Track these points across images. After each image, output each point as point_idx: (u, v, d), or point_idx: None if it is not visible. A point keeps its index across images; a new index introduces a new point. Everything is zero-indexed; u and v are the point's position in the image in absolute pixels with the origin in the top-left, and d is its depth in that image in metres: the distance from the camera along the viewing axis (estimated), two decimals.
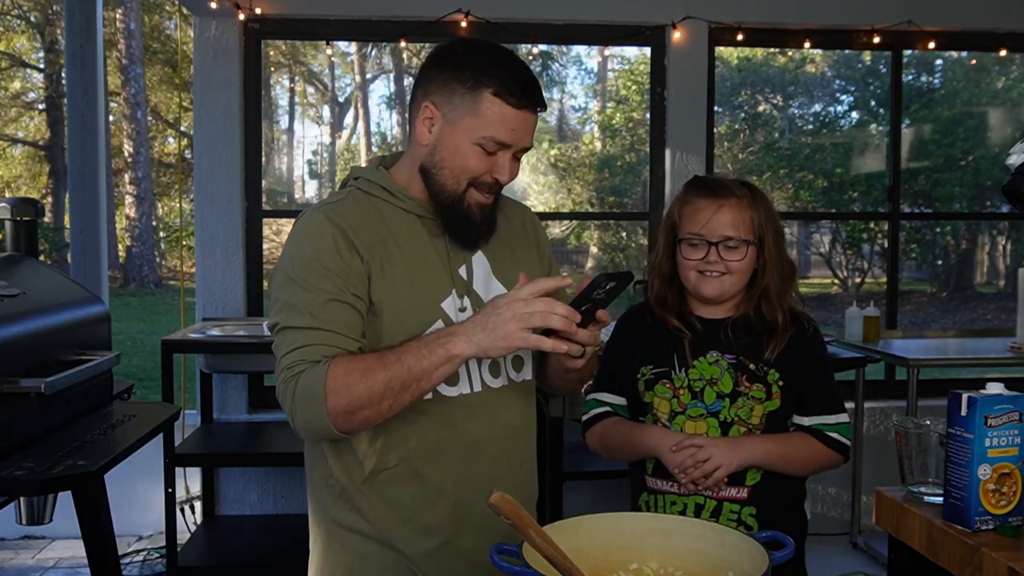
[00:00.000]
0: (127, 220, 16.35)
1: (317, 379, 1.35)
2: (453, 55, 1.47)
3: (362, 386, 1.34)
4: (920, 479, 1.49)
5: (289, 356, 1.40)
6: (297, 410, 1.38)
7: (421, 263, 1.48)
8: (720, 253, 1.75)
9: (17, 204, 2.43)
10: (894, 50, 4.43)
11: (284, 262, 1.46)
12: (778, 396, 1.76)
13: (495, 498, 1.14)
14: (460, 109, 1.43)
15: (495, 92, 1.42)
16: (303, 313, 1.40)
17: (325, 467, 1.51)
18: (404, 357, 1.36)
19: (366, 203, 1.50)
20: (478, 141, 1.43)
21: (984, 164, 12.52)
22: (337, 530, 1.51)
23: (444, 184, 1.47)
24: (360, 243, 1.44)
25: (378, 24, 4.07)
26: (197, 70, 3.98)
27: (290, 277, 1.43)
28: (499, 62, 1.45)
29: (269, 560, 3.48)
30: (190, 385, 4.33)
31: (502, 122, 1.43)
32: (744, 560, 1.20)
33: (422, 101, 1.47)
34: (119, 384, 2.44)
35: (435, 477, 1.48)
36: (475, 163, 1.45)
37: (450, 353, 1.35)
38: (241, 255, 4.00)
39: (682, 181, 4.46)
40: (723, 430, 1.75)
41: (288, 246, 1.48)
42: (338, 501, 1.50)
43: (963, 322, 13.19)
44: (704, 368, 1.78)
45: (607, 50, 5.43)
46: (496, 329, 1.33)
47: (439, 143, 1.46)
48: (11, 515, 2.33)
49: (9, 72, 17.29)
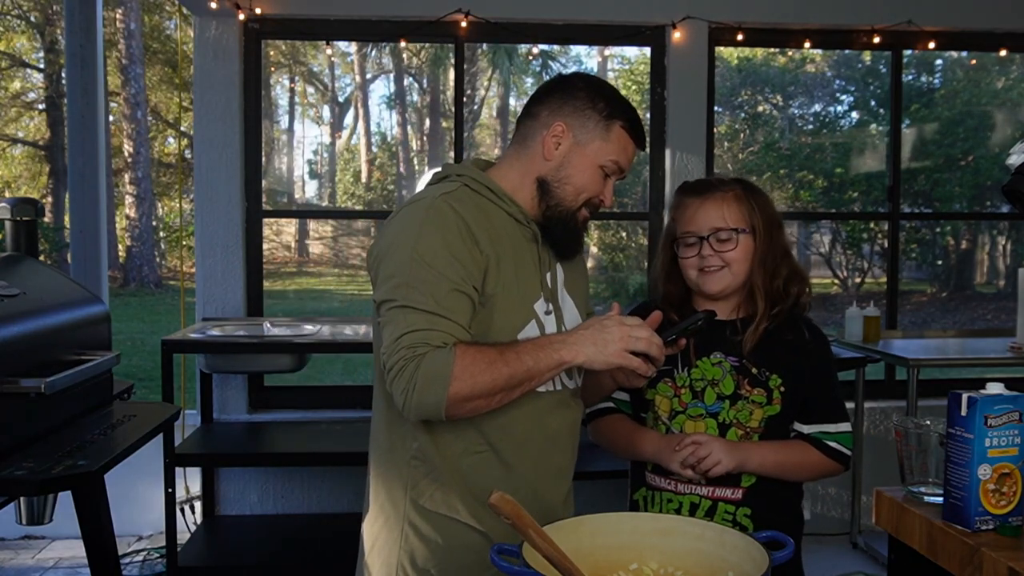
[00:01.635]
0: (127, 220, 16.36)
1: (445, 363, 1.41)
2: (589, 86, 1.63)
3: (486, 377, 1.42)
4: (920, 479, 1.49)
5: (410, 336, 1.44)
6: (415, 389, 1.42)
7: (522, 264, 1.59)
8: (712, 246, 1.79)
9: (17, 204, 2.43)
10: (894, 50, 4.43)
11: (406, 243, 1.49)
12: (779, 402, 1.77)
13: (495, 498, 1.14)
14: (592, 134, 1.60)
15: (624, 126, 1.61)
16: (427, 296, 1.45)
17: (412, 446, 1.55)
18: (523, 357, 1.46)
19: (475, 200, 1.58)
20: (603, 163, 1.61)
21: (984, 164, 12.53)
22: (422, 508, 1.56)
23: (564, 198, 1.60)
24: (481, 235, 1.52)
25: (378, 24, 4.07)
26: (197, 70, 3.98)
27: (416, 259, 1.47)
28: (627, 103, 1.65)
29: (269, 560, 3.48)
30: (190, 385, 4.33)
31: (624, 151, 1.62)
32: (744, 560, 1.20)
33: (550, 120, 1.60)
34: (119, 384, 2.44)
35: (519, 466, 1.57)
36: (593, 183, 1.61)
37: (562, 360, 1.47)
38: (241, 255, 4.00)
39: (682, 181, 4.48)
40: (721, 431, 1.76)
41: (409, 228, 1.51)
42: (424, 480, 1.55)
43: (963, 322, 13.20)
44: (707, 368, 1.79)
45: (607, 50, 5.43)
46: (605, 347, 1.47)
47: (567, 161, 1.60)
48: (11, 515, 2.33)
49: (9, 72, 17.29)
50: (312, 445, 3.53)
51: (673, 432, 1.79)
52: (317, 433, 3.70)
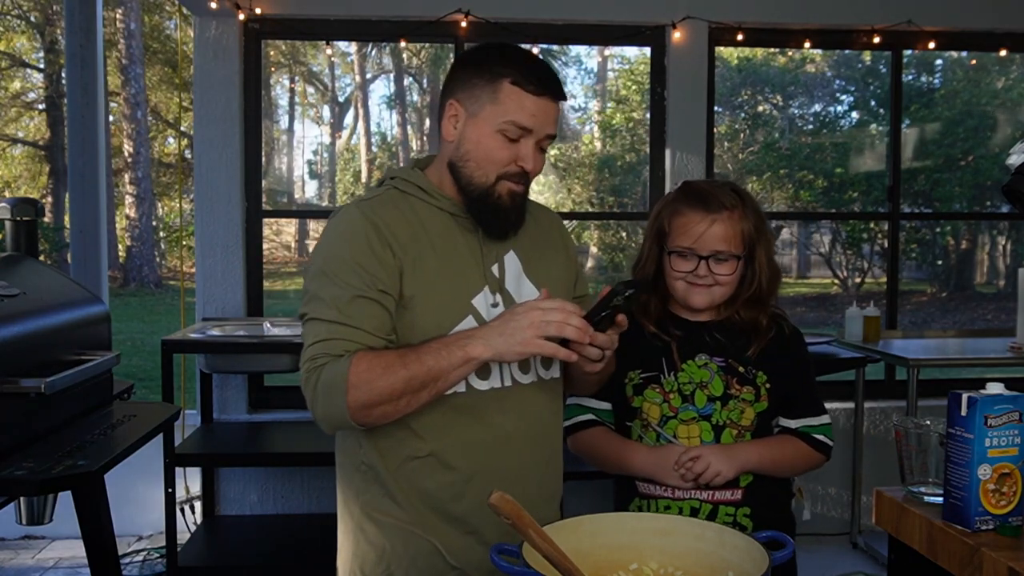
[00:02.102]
0: (127, 220, 16.36)
1: (339, 373, 1.39)
2: (474, 55, 1.56)
3: (383, 383, 1.39)
4: (920, 479, 1.49)
5: (313, 347, 1.44)
6: (319, 400, 1.42)
7: (454, 259, 1.53)
8: (710, 266, 1.74)
9: (17, 204, 2.43)
10: (894, 50, 4.42)
11: (318, 255, 1.51)
12: (766, 398, 1.77)
13: (495, 498, 1.14)
14: (481, 100, 1.50)
15: (513, 81, 1.48)
16: (330, 307, 1.45)
17: (359, 453, 1.54)
18: (424, 357, 1.40)
19: (401, 201, 1.54)
20: (499, 127, 1.49)
21: (984, 164, 12.53)
22: (369, 516, 1.54)
23: (471, 176, 1.52)
24: (393, 238, 1.48)
25: (378, 24, 4.07)
26: (197, 70, 3.98)
27: (322, 270, 1.48)
28: (517, 57, 1.53)
29: (269, 560, 3.48)
30: (190, 385, 4.33)
31: (521, 108, 1.48)
32: (744, 560, 1.20)
33: (446, 101, 1.54)
34: (119, 384, 2.44)
35: (464, 469, 1.51)
36: (498, 151, 1.50)
37: (468, 355, 1.40)
38: (241, 255, 4.00)
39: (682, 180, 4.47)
40: (715, 433, 1.75)
41: (323, 240, 1.53)
42: (371, 486, 1.53)
43: (963, 322, 13.19)
44: (693, 371, 1.77)
45: (607, 50, 5.43)
46: (513, 335, 1.39)
47: (463, 136, 1.52)
48: (11, 515, 2.33)
49: (9, 72, 17.29)
50: (312, 445, 3.53)
51: (666, 438, 1.77)
52: (317, 433, 3.64)
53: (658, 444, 1.78)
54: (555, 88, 1.52)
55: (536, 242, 1.64)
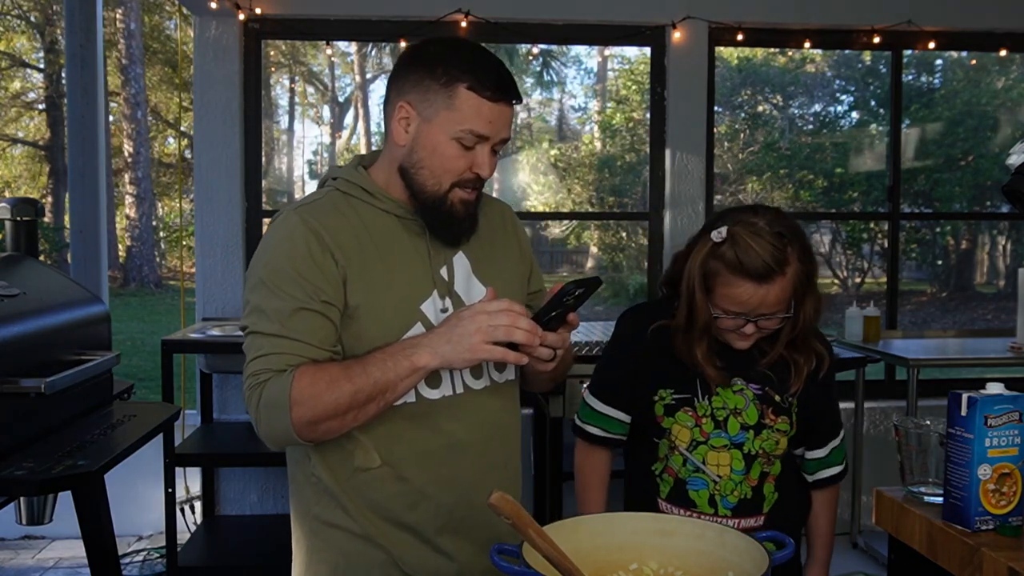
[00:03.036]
0: (127, 220, 16.36)
1: (282, 389, 1.35)
2: (425, 54, 1.46)
3: (328, 398, 1.34)
4: (920, 479, 1.49)
5: (255, 362, 1.40)
6: (261, 419, 1.38)
7: (400, 265, 1.47)
8: (758, 325, 1.65)
9: (17, 204, 2.43)
10: (894, 50, 4.42)
11: (257, 265, 1.44)
12: (795, 425, 1.75)
13: (495, 498, 1.14)
14: (436, 105, 1.42)
15: (469, 87, 1.41)
16: (272, 320, 1.40)
17: (308, 465, 1.49)
18: (369, 369, 1.36)
19: (344, 204, 1.48)
20: (455, 136, 1.42)
21: (984, 164, 12.52)
22: (321, 528, 1.50)
23: (424, 184, 1.45)
24: (335, 246, 1.42)
25: (378, 24, 4.07)
26: (197, 70, 3.97)
27: (262, 281, 1.42)
28: (471, 58, 1.44)
29: (269, 560, 3.47)
30: (190, 385, 4.33)
31: (478, 115, 1.42)
32: (744, 560, 1.20)
33: (396, 101, 1.46)
34: (119, 384, 2.44)
35: (417, 479, 1.47)
36: (454, 160, 1.43)
37: (415, 365, 1.36)
38: (241, 255, 4.00)
39: (682, 181, 4.46)
40: (747, 462, 1.70)
41: (262, 248, 1.46)
42: (322, 498, 1.49)
43: (963, 322, 13.19)
44: (728, 397, 1.71)
45: (607, 50, 5.43)
46: (460, 341, 1.34)
47: (416, 142, 1.44)
48: (11, 515, 2.33)
49: (9, 72, 17.29)
50: None
51: (693, 463, 1.71)
52: None
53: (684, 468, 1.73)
54: (512, 92, 1.45)
55: (486, 239, 1.57)
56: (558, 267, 16.81)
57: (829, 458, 1.84)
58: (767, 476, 1.73)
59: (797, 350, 1.73)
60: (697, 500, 1.72)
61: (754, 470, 1.71)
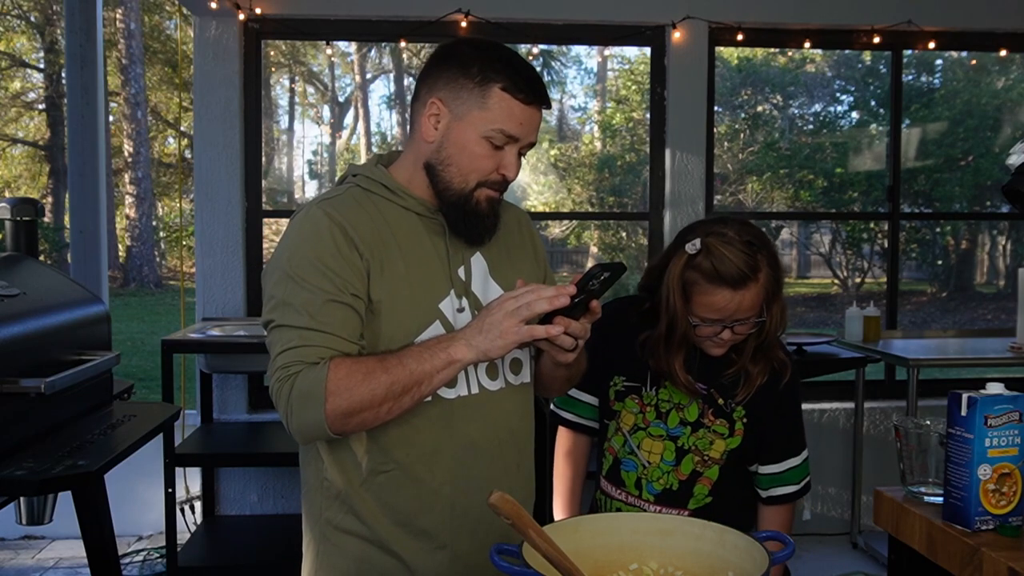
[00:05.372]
0: (127, 220, 16.36)
1: (317, 380, 1.34)
2: (459, 53, 1.47)
3: (364, 389, 1.34)
4: (920, 479, 1.49)
5: (285, 355, 1.38)
6: (293, 411, 1.36)
7: (420, 263, 1.46)
8: (734, 331, 1.72)
9: (17, 204, 2.43)
10: (894, 50, 4.43)
11: (281, 258, 1.43)
12: (740, 434, 1.78)
13: (495, 498, 1.14)
14: (468, 104, 1.43)
15: (504, 87, 1.43)
16: (300, 312, 1.38)
17: (320, 469, 1.48)
18: (406, 361, 1.36)
19: (365, 200, 1.48)
20: (486, 134, 1.43)
21: (984, 164, 12.53)
22: (333, 533, 1.48)
23: (451, 181, 1.46)
24: (360, 240, 1.42)
25: (378, 24, 4.07)
26: (197, 70, 3.98)
27: (288, 274, 1.40)
28: (506, 59, 1.46)
29: (269, 560, 3.48)
30: (190, 385, 4.33)
31: (510, 116, 1.43)
32: (744, 560, 1.20)
33: (427, 98, 1.46)
34: (119, 384, 2.44)
35: (432, 480, 1.46)
36: (482, 158, 1.44)
37: (451, 358, 1.36)
38: (241, 255, 4.00)
39: (682, 181, 4.47)
40: (678, 456, 1.78)
41: (285, 241, 1.45)
42: (333, 503, 1.48)
43: (963, 322, 13.20)
44: (674, 391, 1.79)
45: (607, 50, 5.42)
46: (492, 329, 1.34)
47: (446, 139, 1.45)
48: (11, 515, 2.33)
49: (9, 72, 17.29)
50: None
51: (631, 447, 1.81)
52: None
53: (623, 449, 1.83)
54: (544, 96, 1.47)
55: (502, 242, 1.58)
56: (558, 267, 16.81)
57: (784, 476, 1.83)
58: (700, 476, 1.79)
59: (753, 360, 1.77)
60: (627, 480, 1.83)
61: (685, 464, 1.79)
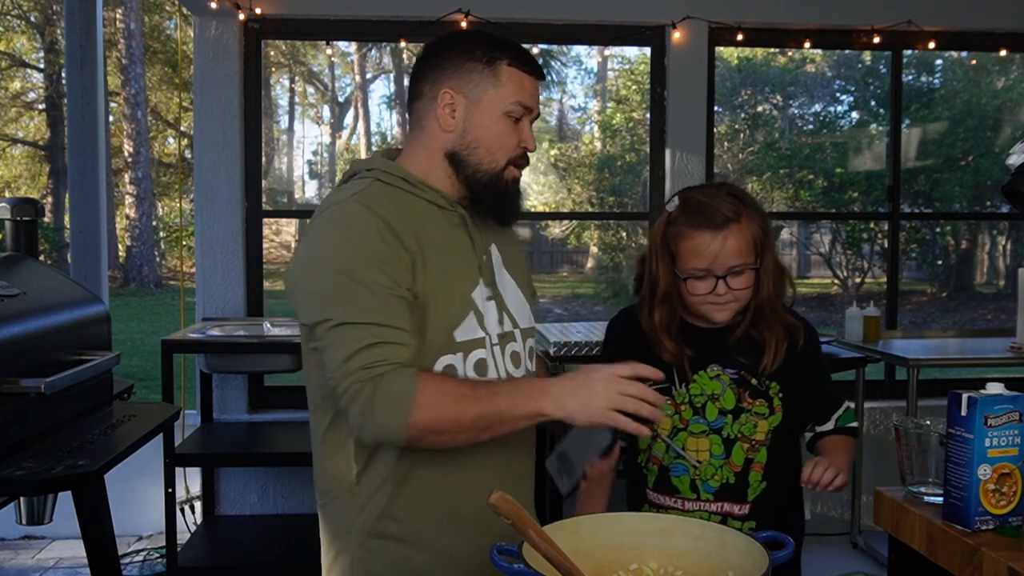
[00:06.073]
0: (127, 220, 16.36)
1: (406, 390, 1.32)
2: (456, 42, 1.52)
3: (452, 412, 1.34)
4: (920, 479, 1.49)
5: (363, 354, 1.34)
6: (374, 413, 1.33)
7: (452, 254, 1.48)
8: (728, 283, 1.68)
9: (17, 204, 2.43)
10: (894, 50, 4.42)
11: (326, 254, 1.40)
12: (780, 410, 1.74)
13: (495, 498, 1.14)
14: (482, 86, 1.48)
15: (510, 63, 1.48)
16: (365, 309, 1.35)
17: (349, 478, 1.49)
18: (498, 398, 1.36)
19: (391, 194, 1.47)
20: (506, 110, 1.48)
21: (984, 164, 12.53)
22: (369, 540, 1.49)
23: (480, 163, 1.49)
24: (403, 231, 1.41)
25: (378, 24, 4.07)
26: (197, 70, 3.98)
27: (339, 270, 1.37)
28: (502, 39, 1.52)
29: (269, 560, 3.48)
30: (190, 385, 4.33)
31: (522, 87, 1.49)
32: (744, 560, 1.20)
33: (435, 91, 1.49)
34: (119, 384, 2.44)
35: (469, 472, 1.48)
36: (506, 135, 1.49)
37: (541, 411, 1.36)
38: (241, 255, 4.00)
39: (682, 181, 4.47)
40: (726, 447, 1.73)
41: (325, 237, 1.42)
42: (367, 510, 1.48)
43: (963, 322, 13.19)
44: (705, 383, 1.74)
45: (607, 50, 5.42)
46: (589, 403, 1.34)
47: (468, 124, 1.48)
48: (11, 515, 2.33)
49: (9, 72, 17.29)
50: (312, 445, 3.53)
51: (675, 450, 1.74)
52: None
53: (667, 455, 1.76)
54: (541, 68, 1.55)
55: (509, 235, 1.63)
56: (558, 267, 16.81)
57: (839, 424, 1.83)
58: (752, 463, 1.74)
59: (766, 326, 1.74)
60: (680, 486, 1.75)
61: (736, 455, 1.73)
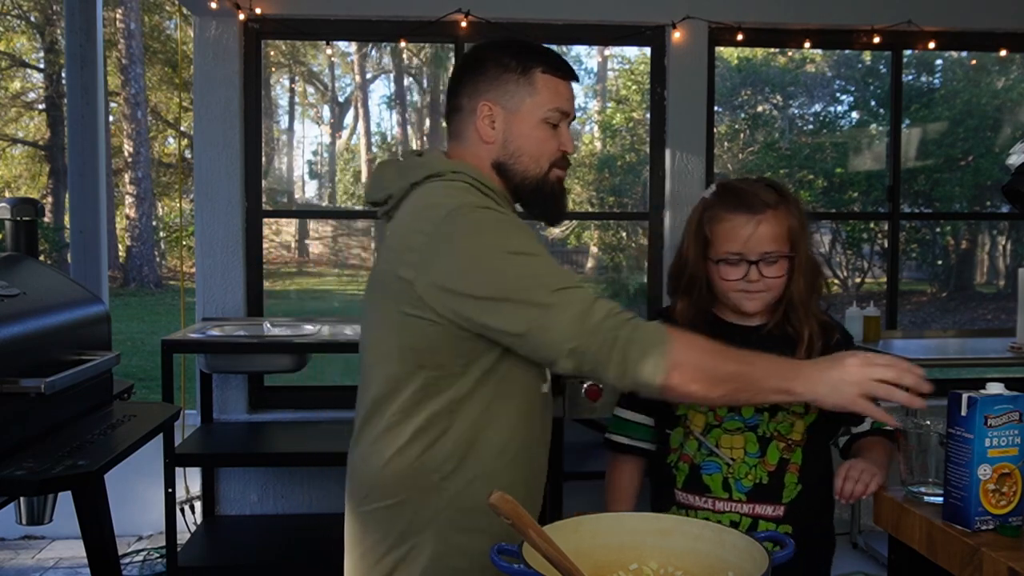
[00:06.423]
0: (127, 220, 16.36)
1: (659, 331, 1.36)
2: (489, 54, 1.55)
3: (708, 362, 1.36)
4: (920, 479, 1.49)
5: (595, 310, 1.35)
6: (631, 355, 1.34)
7: None
8: (761, 270, 1.68)
9: (17, 204, 2.43)
10: (894, 50, 4.43)
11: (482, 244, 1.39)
12: (816, 409, 1.70)
13: (495, 498, 1.14)
14: (519, 96, 1.52)
15: (544, 70, 1.52)
16: (563, 275, 1.39)
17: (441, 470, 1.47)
18: (755, 365, 1.39)
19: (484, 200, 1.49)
20: (544, 117, 1.52)
21: (984, 164, 12.52)
22: (455, 534, 1.47)
23: (526, 170, 1.53)
24: None
25: (378, 24, 4.07)
26: (197, 70, 3.98)
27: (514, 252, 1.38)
28: (534, 46, 1.56)
29: (269, 560, 3.48)
30: (190, 385, 4.33)
31: (557, 93, 1.53)
32: (744, 560, 1.20)
33: (474, 104, 1.52)
34: (119, 384, 2.44)
35: (534, 463, 1.55)
36: (546, 140, 1.53)
37: (792, 389, 1.40)
38: (241, 255, 4.00)
39: (682, 181, 4.46)
40: (761, 445, 1.70)
41: (473, 236, 1.40)
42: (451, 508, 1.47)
43: (963, 322, 13.19)
44: None
45: (607, 50, 5.42)
46: (840, 389, 1.38)
47: (508, 134, 1.52)
48: (11, 515, 2.33)
49: (9, 72, 17.29)
50: (312, 445, 3.53)
51: (708, 448, 1.71)
52: (317, 433, 3.70)
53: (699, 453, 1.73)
54: (573, 70, 1.58)
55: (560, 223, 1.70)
56: None
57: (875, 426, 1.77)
58: (787, 463, 1.71)
59: (800, 320, 1.73)
60: (711, 484, 1.72)
61: (771, 454, 1.70)
